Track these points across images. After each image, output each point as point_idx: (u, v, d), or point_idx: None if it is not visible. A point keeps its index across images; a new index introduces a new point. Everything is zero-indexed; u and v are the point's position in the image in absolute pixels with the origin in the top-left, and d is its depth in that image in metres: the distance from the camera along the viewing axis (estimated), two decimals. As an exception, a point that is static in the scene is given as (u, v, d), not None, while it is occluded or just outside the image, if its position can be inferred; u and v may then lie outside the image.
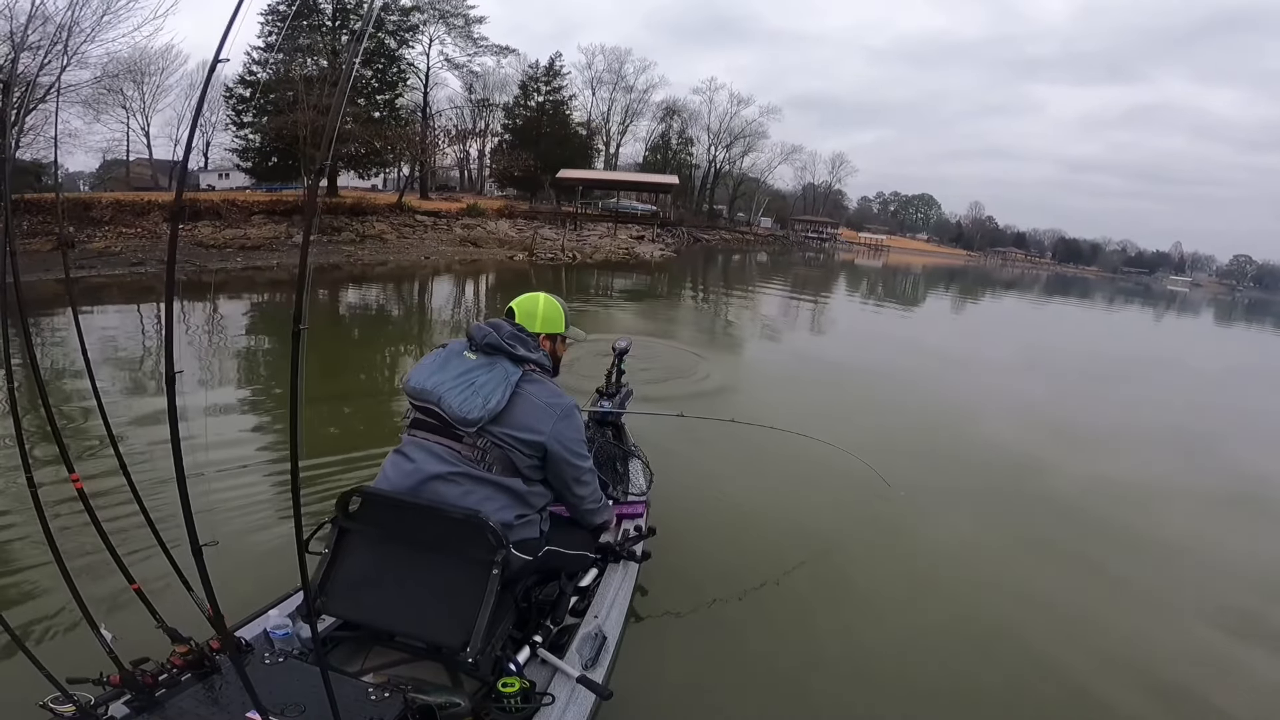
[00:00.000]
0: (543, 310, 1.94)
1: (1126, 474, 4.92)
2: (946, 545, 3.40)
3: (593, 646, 1.73)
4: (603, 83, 42.57)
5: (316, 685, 1.13)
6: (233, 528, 2.82)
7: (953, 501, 3.93)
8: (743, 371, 7.27)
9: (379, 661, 1.61)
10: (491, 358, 1.74)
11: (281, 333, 7.77)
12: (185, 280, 11.48)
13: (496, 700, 1.44)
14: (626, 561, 2.18)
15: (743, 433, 3.95)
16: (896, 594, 2.89)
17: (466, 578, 1.52)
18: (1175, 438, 6.29)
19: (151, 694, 1.29)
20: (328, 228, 15.58)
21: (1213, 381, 10.59)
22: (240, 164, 25.93)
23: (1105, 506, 4.12)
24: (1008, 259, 77.85)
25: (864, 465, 3.53)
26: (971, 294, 26.02)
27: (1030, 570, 3.22)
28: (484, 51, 32.94)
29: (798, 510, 3.54)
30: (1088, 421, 6.42)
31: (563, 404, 1.77)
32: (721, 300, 14.97)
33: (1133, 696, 2.32)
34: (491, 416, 1.65)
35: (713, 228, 45.02)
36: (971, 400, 6.86)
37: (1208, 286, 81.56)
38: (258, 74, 23.58)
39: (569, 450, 1.77)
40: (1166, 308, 32.95)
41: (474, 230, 20.06)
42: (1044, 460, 4.94)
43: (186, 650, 1.36)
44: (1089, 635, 2.69)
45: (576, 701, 1.58)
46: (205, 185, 28.89)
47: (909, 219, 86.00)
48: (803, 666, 2.30)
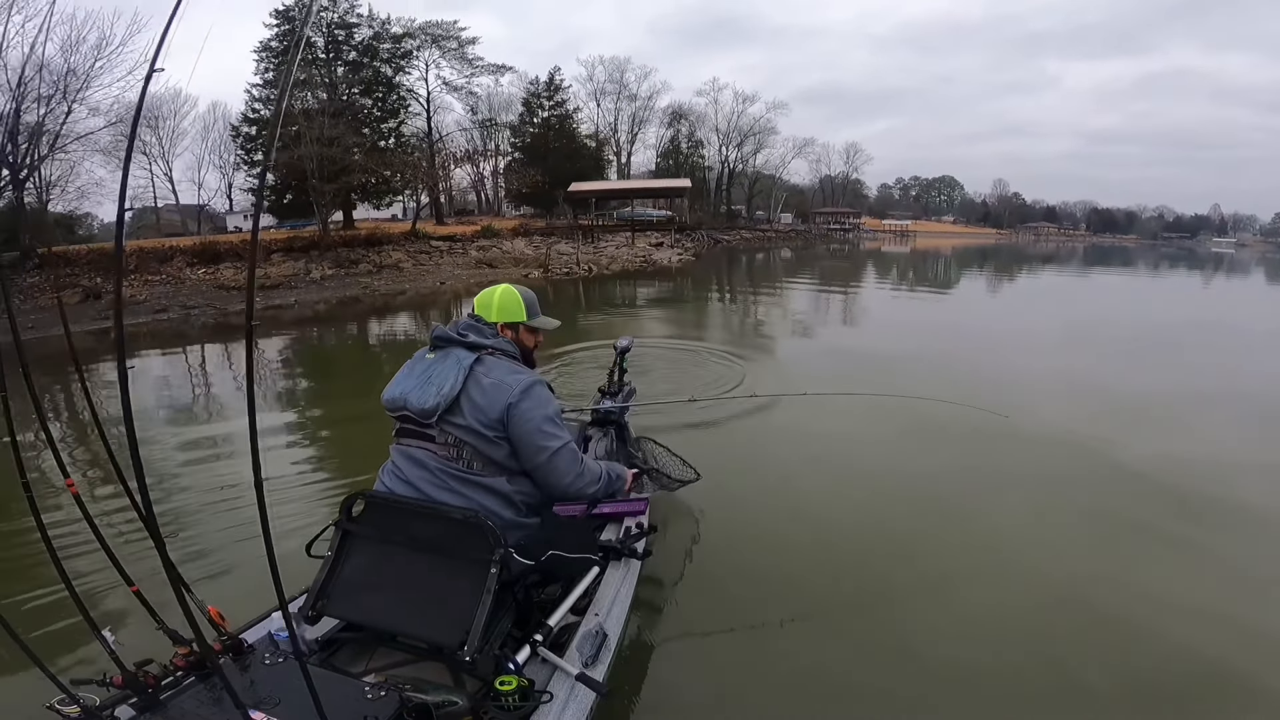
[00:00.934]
0: (498, 300, 1.94)
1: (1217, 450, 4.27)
2: (971, 537, 3.13)
3: (593, 644, 1.73)
4: (606, 93, 42.52)
5: (315, 685, 1.13)
6: (236, 531, 2.87)
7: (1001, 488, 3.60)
8: (778, 372, 6.66)
9: (382, 662, 1.61)
10: (446, 350, 1.79)
11: (308, 362, 7.76)
12: (211, 323, 11.48)
13: (495, 699, 1.42)
14: (628, 559, 2.15)
15: (742, 430, 4.27)
16: (914, 588, 2.69)
17: (465, 577, 1.53)
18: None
19: (155, 695, 1.31)
20: (344, 260, 15.46)
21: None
22: (259, 204, 26.23)
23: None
24: (1040, 234, 75.33)
25: (875, 461, 3.46)
26: (1009, 271, 24.85)
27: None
28: (480, 71, 32.94)
29: (803, 505, 3.40)
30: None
31: (521, 379, 1.74)
32: (750, 299, 14.35)
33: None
34: (447, 403, 1.67)
35: (732, 228, 44.37)
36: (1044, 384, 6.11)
37: (1254, 246, 77.71)
38: (260, 111, 23.87)
39: (534, 428, 1.72)
40: (1215, 270, 31.37)
41: (489, 251, 19.82)
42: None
43: (188, 651, 1.37)
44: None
45: (576, 699, 1.57)
46: (233, 227, 29.50)
47: (932, 202, 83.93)
48: (809, 664, 2.24)
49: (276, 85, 23.61)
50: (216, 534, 2.95)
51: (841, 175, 61.77)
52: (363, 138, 23.32)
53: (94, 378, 6.87)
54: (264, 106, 24.22)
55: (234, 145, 25.02)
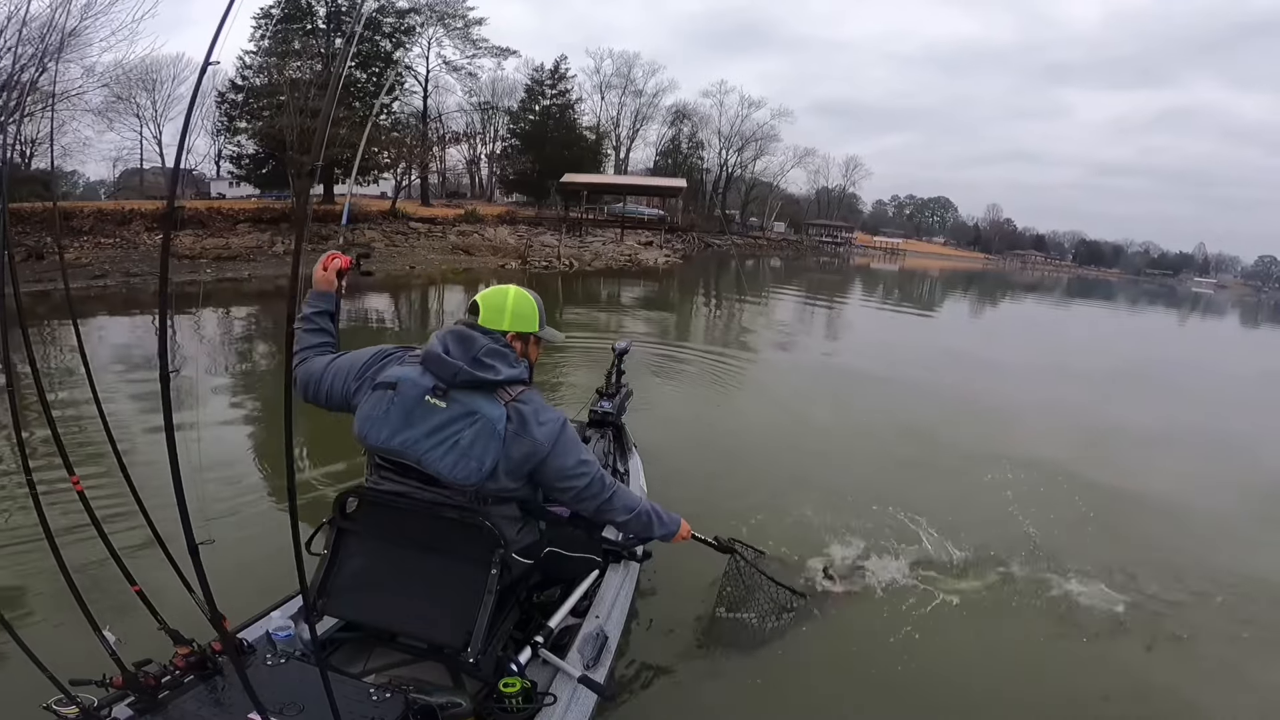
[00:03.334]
0: (512, 304, 1.66)
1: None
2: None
3: (594, 646, 1.73)
4: (612, 86, 42.05)
5: (318, 686, 1.13)
6: (237, 530, 2.87)
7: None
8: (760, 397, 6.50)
9: (381, 662, 1.59)
10: (466, 401, 1.51)
11: (278, 340, 7.38)
12: (151, 290, 11.01)
13: (498, 700, 1.43)
14: (628, 561, 2.14)
15: (747, 431, 4.42)
16: (910, 598, 2.75)
17: (466, 578, 1.51)
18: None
19: (154, 695, 1.29)
20: (314, 235, 14.99)
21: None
22: (235, 171, 25.63)
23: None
24: (1027, 262, 76.15)
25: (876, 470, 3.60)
26: (991, 298, 25.00)
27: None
28: (483, 54, 32.34)
29: (798, 508, 3.43)
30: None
31: (549, 430, 1.57)
32: (735, 311, 14.15)
33: None
34: (487, 471, 1.51)
35: (724, 233, 44.20)
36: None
37: (1233, 288, 79.35)
38: (249, 78, 23.20)
39: (561, 476, 1.61)
40: (1191, 310, 32.32)
41: (469, 237, 19.44)
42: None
43: (189, 652, 1.36)
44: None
45: (578, 701, 1.58)
46: (216, 193, 28.81)
47: (925, 222, 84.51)
48: (805, 667, 2.24)
49: (272, 54, 22.99)
50: (217, 531, 2.92)
51: (839, 188, 61.93)
52: (352, 111, 22.75)
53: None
54: (254, 74, 23.56)
55: (217, 111, 24.23)
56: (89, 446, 3.46)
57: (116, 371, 5.66)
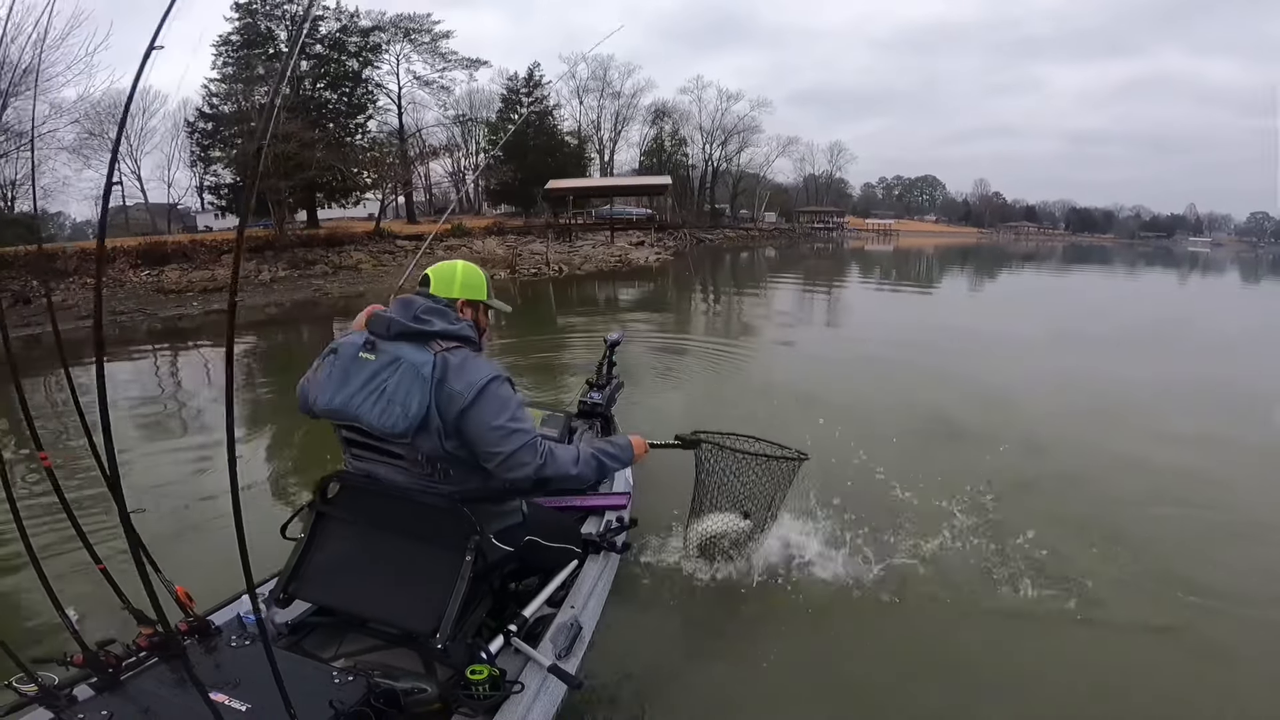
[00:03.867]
0: (461, 275, 1.73)
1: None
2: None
3: (567, 636, 1.70)
4: (589, 90, 41.72)
5: (283, 668, 1.13)
6: (213, 513, 2.84)
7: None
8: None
9: (353, 648, 1.56)
10: (392, 349, 1.53)
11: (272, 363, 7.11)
12: (141, 328, 10.67)
13: (465, 688, 1.42)
14: (607, 552, 2.14)
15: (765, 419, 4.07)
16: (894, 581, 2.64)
17: (440, 564, 1.49)
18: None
19: (115, 675, 1.29)
20: (300, 261, 14.68)
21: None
22: (215, 201, 25.31)
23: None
24: (1020, 233, 75.94)
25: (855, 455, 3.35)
26: (990, 270, 24.70)
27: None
28: (454, 66, 31.97)
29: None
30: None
31: (474, 380, 1.53)
32: (733, 300, 13.79)
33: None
34: (419, 422, 1.49)
35: (715, 227, 43.90)
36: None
37: (1229, 245, 79.09)
38: (217, 106, 22.85)
39: (483, 432, 1.53)
40: (1191, 269, 32.01)
41: (457, 251, 19.04)
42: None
43: (152, 632, 1.34)
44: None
45: (547, 690, 1.56)
46: (203, 226, 28.50)
47: (914, 201, 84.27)
48: (784, 660, 2.22)
49: (237, 80, 22.69)
50: (189, 514, 2.92)
51: (825, 174, 61.65)
52: (326, 132, 22.43)
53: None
54: (221, 102, 23.25)
55: (189, 142, 23.92)
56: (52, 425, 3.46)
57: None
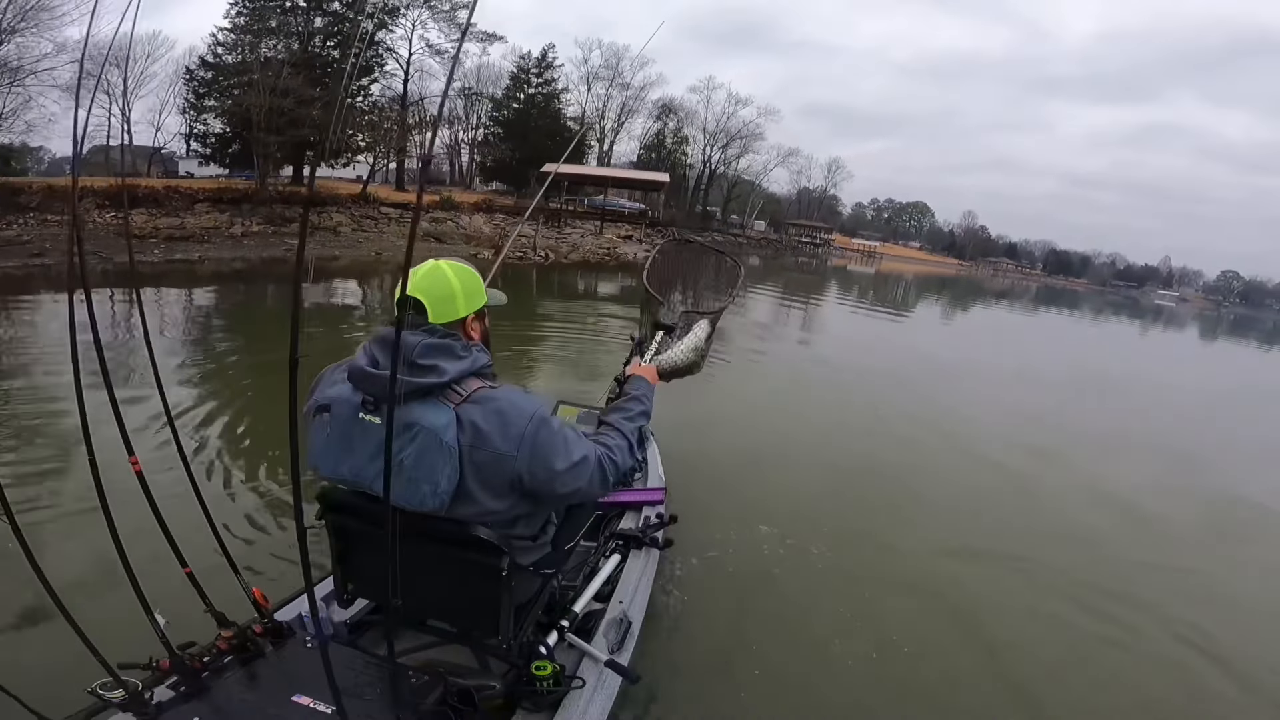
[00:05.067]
0: (460, 284, 1.37)
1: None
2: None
3: (619, 631, 1.76)
4: (599, 78, 41.55)
5: (355, 669, 1.19)
6: (277, 514, 2.92)
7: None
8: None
9: (408, 645, 1.58)
10: (402, 413, 1.22)
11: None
12: (95, 270, 10.46)
13: (528, 683, 1.46)
14: (648, 548, 2.19)
15: (765, 419, 4.63)
16: (933, 576, 2.87)
17: (482, 573, 1.46)
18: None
19: (198, 678, 1.29)
20: (277, 218, 14.49)
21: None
22: (201, 150, 24.71)
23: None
24: (999, 269, 77.72)
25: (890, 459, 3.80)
26: (962, 303, 25.37)
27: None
28: (469, 37, 31.58)
29: (821, 493, 3.56)
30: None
31: (522, 430, 1.30)
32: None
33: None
34: (452, 495, 1.29)
35: (705, 229, 44.15)
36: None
37: (1194, 302, 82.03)
38: (221, 56, 22.33)
39: (560, 485, 1.34)
40: (1153, 321, 33.28)
41: (443, 225, 19.04)
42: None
43: (231, 635, 1.37)
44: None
45: (604, 685, 1.61)
46: (185, 172, 27.76)
47: (902, 226, 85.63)
48: (823, 654, 2.29)
49: (247, 30, 22.16)
50: (255, 513, 3.00)
51: (820, 189, 62.32)
52: (327, 90, 22.04)
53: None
54: (226, 51, 22.69)
55: (185, 89, 23.28)
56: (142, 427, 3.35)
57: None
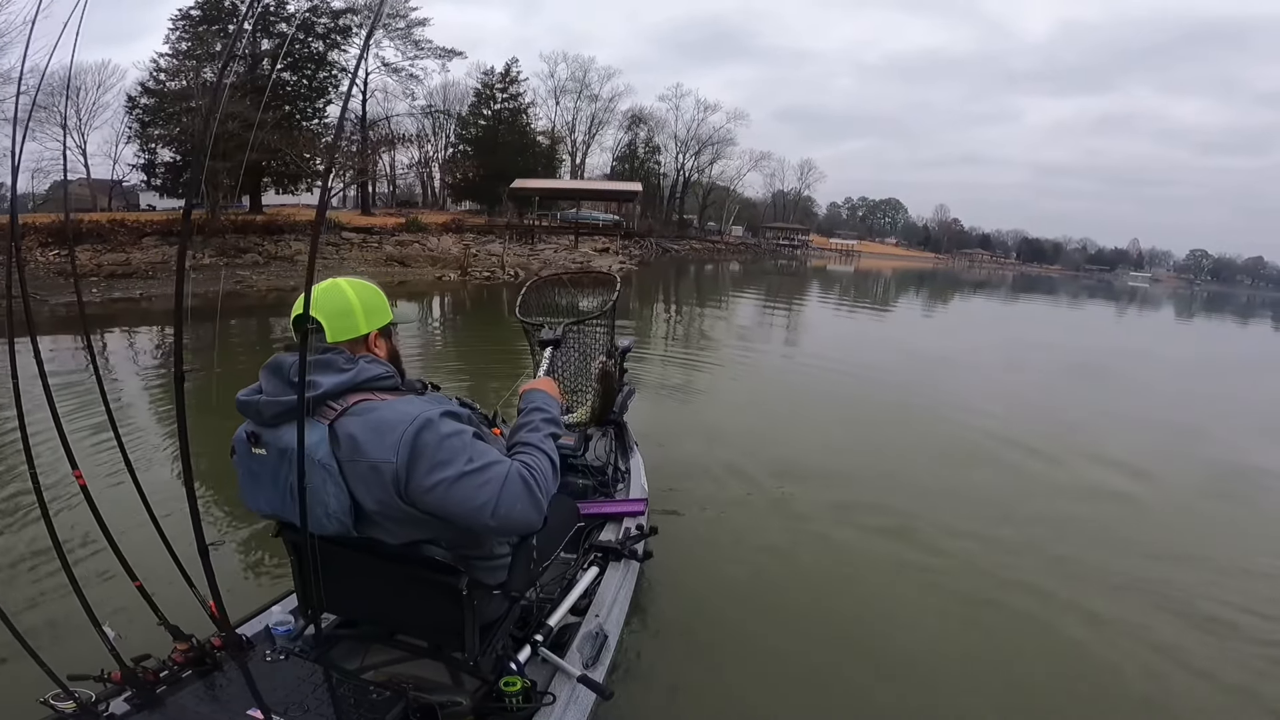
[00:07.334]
0: (361, 302, 1.31)
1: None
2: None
3: (593, 646, 1.72)
4: (566, 91, 41.27)
5: (318, 683, 1.16)
6: (236, 526, 2.86)
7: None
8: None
9: (379, 659, 1.50)
10: (275, 439, 1.20)
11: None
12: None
13: (497, 699, 1.42)
14: (627, 560, 2.14)
15: (753, 427, 4.59)
16: (930, 588, 2.81)
17: (439, 591, 1.38)
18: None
19: (152, 691, 1.27)
20: (230, 248, 13.74)
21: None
22: (149, 181, 23.83)
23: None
24: (975, 260, 78.72)
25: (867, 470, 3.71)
26: (943, 297, 25.27)
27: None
28: (426, 55, 31.08)
29: (800, 512, 3.47)
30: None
31: (400, 436, 1.16)
32: (693, 315, 13.51)
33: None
34: (352, 516, 1.21)
35: (682, 237, 43.90)
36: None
37: (1166, 281, 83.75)
38: (163, 82, 21.52)
39: (454, 494, 1.16)
40: (1129, 303, 33.60)
41: (408, 247, 18.32)
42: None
43: (188, 647, 1.35)
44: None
45: (577, 701, 1.57)
46: (146, 205, 26.86)
47: (877, 224, 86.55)
48: (806, 668, 2.25)
49: (190, 56, 21.44)
50: (225, 529, 2.89)
51: (794, 191, 62.62)
52: (280, 114, 21.36)
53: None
54: (169, 78, 21.89)
55: (128, 117, 22.46)
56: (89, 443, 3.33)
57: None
